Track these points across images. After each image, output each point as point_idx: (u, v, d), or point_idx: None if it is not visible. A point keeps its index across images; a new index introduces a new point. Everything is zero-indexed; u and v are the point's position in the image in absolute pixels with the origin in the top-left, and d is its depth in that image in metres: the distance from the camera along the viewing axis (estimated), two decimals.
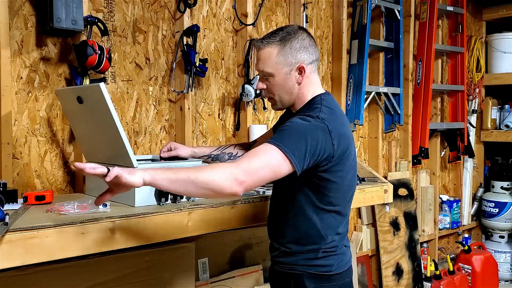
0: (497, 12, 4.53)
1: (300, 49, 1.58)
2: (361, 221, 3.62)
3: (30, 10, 2.03)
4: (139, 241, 1.58)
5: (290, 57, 1.57)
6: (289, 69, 1.58)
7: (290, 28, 1.60)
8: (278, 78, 1.59)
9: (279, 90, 1.61)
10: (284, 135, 1.45)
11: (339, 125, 1.53)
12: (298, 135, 1.43)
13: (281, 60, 1.57)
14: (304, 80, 1.60)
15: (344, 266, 1.63)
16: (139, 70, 2.40)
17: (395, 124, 3.69)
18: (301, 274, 1.59)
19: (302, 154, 1.42)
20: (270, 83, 1.61)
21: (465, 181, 4.57)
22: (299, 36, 1.59)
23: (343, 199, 1.61)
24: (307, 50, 1.59)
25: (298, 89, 1.61)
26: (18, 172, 2.00)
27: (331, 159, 1.49)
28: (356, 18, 3.42)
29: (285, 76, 1.59)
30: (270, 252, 1.72)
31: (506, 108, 4.59)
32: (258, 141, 2.01)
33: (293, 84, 1.60)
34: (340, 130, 1.52)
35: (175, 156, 1.94)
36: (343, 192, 1.60)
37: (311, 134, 1.44)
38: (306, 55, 1.59)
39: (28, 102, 2.04)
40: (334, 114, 1.56)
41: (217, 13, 2.71)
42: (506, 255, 4.47)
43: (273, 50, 1.57)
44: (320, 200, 1.56)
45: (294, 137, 1.43)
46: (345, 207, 1.64)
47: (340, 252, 1.63)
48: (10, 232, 1.32)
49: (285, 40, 1.57)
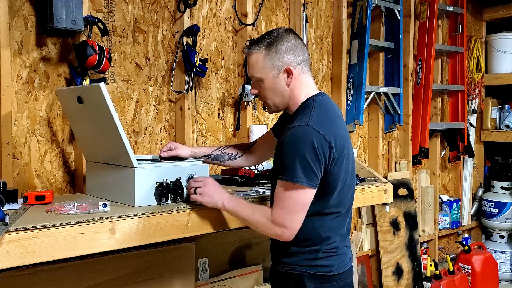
0: (497, 12, 4.53)
1: (286, 52, 1.59)
2: (361, 221, 3.62)
3: (30, 10, 2.03)
4: (139, 241, 1.58)
5: (276, 60, 1.59)
6: (277, 72, 1.60)
7: (276, 32, 1.63)
8: (267, 82, 1.62)
9: (270, 94, 1.64)
10: (285, 165, 1.50)
11: (332, 126, 1.55)
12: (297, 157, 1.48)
13: (267, 64, 1.59)
14: (294, 82, 1.61)
15: (344, 266, 1.63)
16: (139, 70, 2.40)
17: (395, 124, 3.69)
18: (302, 274, 1.59)
19: (309, 171, 1.48)
20: (261, 87, 1.64)
21: (465, 181, 4.57)
22: (284, 38, 1.60)
23: (343, 200, 1.62)
24: (294, 52, 1.60)
25: (289, 91, 1.62)
26: (18, 172, 2.00)
27: (332, 161, 1.52)
28: (356, 18, 3.42)
29: (273, 80, 1.61)
30: (272, 252, 1.73)
31: (506, 108, 4.59)
32: (258, 142, 2.02)
33: (283, 86, 1.61)
34: (334, 131, 1.53)
35: (175, 156, 1.94)
36: (343, 193, 1.61)
37: (307, 149, 1.47)
38: (293, 56, 1.60)
39: (28, 102, 2.04)
40: (327, 115, 1.58)
41: (217, 13, 2.71)
42: (506, 255, 4.47)
43: (260, 55, 1.60)
44: (320, 202, 1.56)
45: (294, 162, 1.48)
46: (346, 207, 1.64)
47: (341, 253, 1.63)
48: (10, 232, 1.31)
49: (271, 44, 1.60)
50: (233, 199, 1.65)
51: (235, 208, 1.63)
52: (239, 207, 1.63)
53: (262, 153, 2.00)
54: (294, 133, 1.51)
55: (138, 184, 1.67)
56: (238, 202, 1.65)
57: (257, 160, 2.04)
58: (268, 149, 1.96)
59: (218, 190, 1.66)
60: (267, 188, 1.98)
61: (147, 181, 1.69)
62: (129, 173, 1.68)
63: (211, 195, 1.64)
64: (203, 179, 1.68)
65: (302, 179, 1.48)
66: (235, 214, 1.65)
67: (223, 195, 1.65)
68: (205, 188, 1.65)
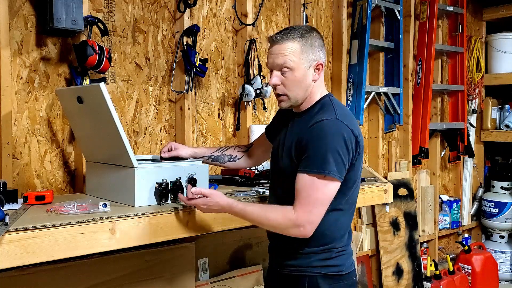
0: (497, 12, 4.53)
1: (318, 47, 1.60)
2: (361, 221, 3.62)
3: (30, 10, 2.03)
4: (139, 241, 1.58)
5: (311, 54, 1.58)
6: (308, 65, 1.59)
7: (305, 27, 1.62)
8: (298, 73, 1.58)
9: (295, 86, 1.59)
10: (315, 158, 1.49)
11: (355, 123, 1.58)
12: (330, 149, 1.47)
13: (303, 55, 1.57)
14: (319, 78, 1.62)
15: (351, 265, 1.64)
16: (139, 70, 2.40)
17: (395, 124, 3.69)
18: (315, 276, 1.57)
19: (340, 163, 1.48)
20: (287, 78, 1.58)
21: (465, 181, 4.57)
22: (316, 35, 1.61)
23: (355, 196, 1.63)
24: (323, 49, 1.62)
25: (311, 87, 1.62)
26: (18, 172, 2.00)
27: (357, 156, 1.54)
28: (356, 18, 3.42)
29: (304, 72, 1.58)
30: (274, 254, 1.69)
31: (506, 108, 4.59)
32: (254, 145, 2.01)
33: (310, 81, 1.60)
34: (357, 127, 1.57)
35: (175, 156, 1.94)
36: (357, 190, 1.63)
37: (339, 142, 1.48)
38: (322, 53, 1.62)
39: (28, 102, 2.04)
40: (348, 113, 1.61)
41: (217, 13, 2.71)
42: (506, 255, 4.47)
43: (295, 45, 1.57)
44: (340, 199, 1.56)
45: (326, 155, 1.47)
46: (355, 205, 1.66)
47: (349, 252, 1.64)
48: (10, 232, 1.32)
49: (306, 37, 1.58)
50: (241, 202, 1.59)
51: (245, 209, 1.57)
52: (249, 208, 1.57)
53: (259, 156, 2.00)
54: (324, 126, 1.51)
55: (138, 184, 1.67)
56: (245, 203, 1.61)
57: (256, 162, 2.04)
58: (264, 151, 1.95)
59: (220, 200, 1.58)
60: (267, 188, 1.98)
61: (147, 181, 1.69)
62: (129, 173, 1.68)
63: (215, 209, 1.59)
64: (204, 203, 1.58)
65: (334, 172, 1.47)
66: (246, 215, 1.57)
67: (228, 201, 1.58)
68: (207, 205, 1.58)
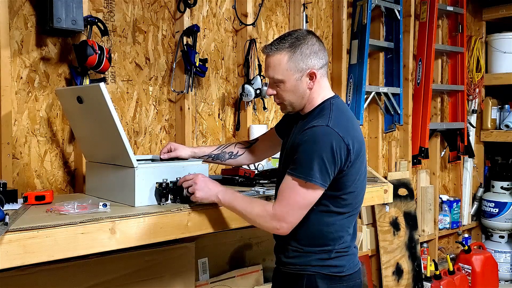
0: (497, 12, 4.53)
1: (310, 55, 1.57)
2: (361, 221, 3.62)
3: (30, 10, 2.02)
4: (139, 241, 1.58)
5: (301, 63, 1.56)
6: (300, 75, 1.57)
7: (299, 33, 1.59)
8: (289, 84, 1.58)
9: (289, 96, 1.60)
10: (301, 163, 1.49)
11: (351, 129, 1.55)
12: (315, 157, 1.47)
13: (291, 66, 1.56)
14: (315, 85, 1.60)
15: (355, 267, 1.63)
16: (139, 70, 2.40)
17: (395, 124, 3.69)
18: (314, 275, 1.58)
19: (324, 172, 1.48)
20: (281, 89, 1.60)
21: (465, 181, 4.57)
22: (308, 41, 1.57)
23: (354, 200, 1.62)
24: (317, 55, 1.58)
25: (309, 94, 1.61)
26: (18, 172, 2.00)
27: (349, 164, 1.52)
28: (356, 18, 3.42)
29: (296, 82, 1.58)
30: (277, 253, 1.70)
31: (506, 108, 4.59)
32: (259, 140, 2.01)
33: (304, 89, 1.59)
34: (352, 133, 1.54)
35: (175, 157, 1.94)
36: (356, 194, 1.61)
37: (326, 150, 1.47)
38: (316, 60, 1.58)
39: (28, 102, 2.04)
40: (345, 118, 1.58)
41: (217, 13, 2.71)
42: (506, 255, 4.47)
43: (283, 56, 1.56)
44: (335, 203, 1.57)
45: (311, 161, 1.47)
46: (356, 208, 1.64)
47: (352, 253, 1.63)
48: (10, 232, 1.31)
49: (295, 46, 1.56)
50: (229, 192, 1.64)
51: (231, 200, 1.62)
52: (235, 200, 1.62)
53: (263, 151, 2.00)
54: (314, 133, 1.50)
55: (138, 184, 1.67)
56: (234, 195, 1.64)
57: (258, 158, 2.04)
58: (270, 146, 1.96)
59: (209, 183, 1.65)
60: (267, 188, 1.98)
61: (147, 181, 1.69)
62: (129, 173, 1.68)
63: (203, 189, 1.63)
64: (193, 177, 1.67)
65: (316, 179, 1.47)
66: (231, 207, 1.64)
67: (217, 188, 1.65)
68: (195, 186, 1.64)
